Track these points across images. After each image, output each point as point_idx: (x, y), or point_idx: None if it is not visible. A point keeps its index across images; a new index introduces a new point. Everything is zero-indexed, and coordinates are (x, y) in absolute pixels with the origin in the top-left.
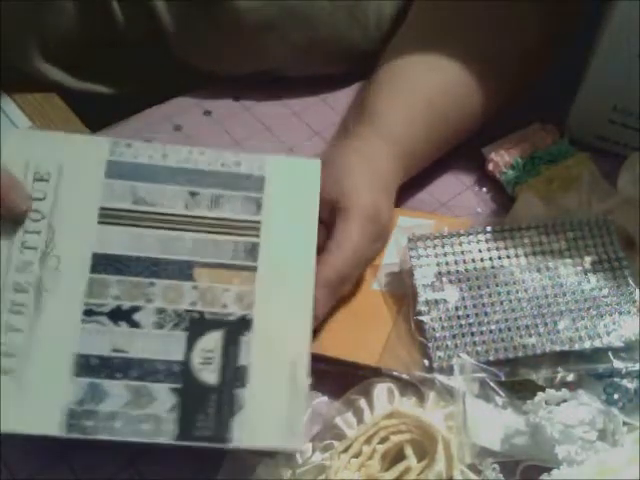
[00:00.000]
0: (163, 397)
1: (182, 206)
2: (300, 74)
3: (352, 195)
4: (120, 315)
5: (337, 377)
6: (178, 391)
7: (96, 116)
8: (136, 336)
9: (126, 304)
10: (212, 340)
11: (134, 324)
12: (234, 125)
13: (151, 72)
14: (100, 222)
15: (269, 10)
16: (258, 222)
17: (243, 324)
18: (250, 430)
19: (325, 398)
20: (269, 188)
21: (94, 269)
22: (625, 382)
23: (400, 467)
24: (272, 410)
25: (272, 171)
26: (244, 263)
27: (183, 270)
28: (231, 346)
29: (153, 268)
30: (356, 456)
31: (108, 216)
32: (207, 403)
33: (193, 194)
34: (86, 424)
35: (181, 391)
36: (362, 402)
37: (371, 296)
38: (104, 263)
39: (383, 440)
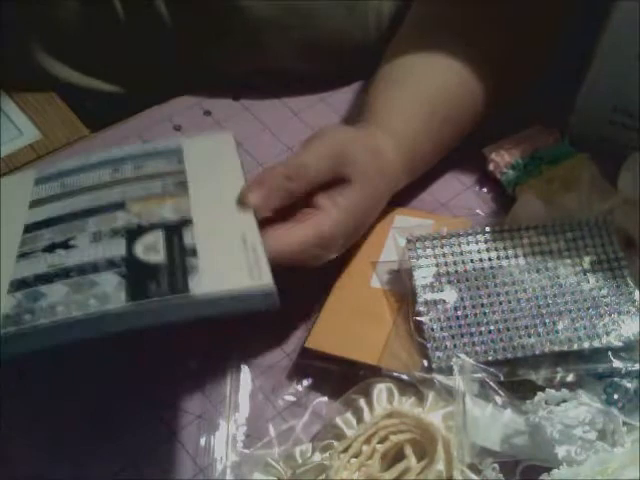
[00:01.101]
0: (107, 280)
1: (108, 176)
2: (300, 72)
3: (355, 167)
4: (55, 246)
5: (337, 377)
6: (123, 273)
7: (96, 116)
8: (73, 253)
9: (60, 238)
10: (153, 237)
11: (70, 247)
12: (234, 125)
13: (151, 72)
14: (29, 207)
15: (269, 9)
16: (183, 170)
17: (183, 223)
18: (210, 280)
19: (325, 398)
20: (188, 154)
21: (27, 231)
22: (625, 382)
23: (400, 467)
24: (230, 263)
25: (188, 145)
26: (175, 192)
27: (117, 206)
28: (174, 236)
29: (86, 213)
30: (356, 456)
31: (37, 203)
32: (157, 274)
33: (116, 170)
34: (24, 318)
35: (126, 272)
36: (362, 402)
37: (371, 293)
38: (36, 227)
39: (383, 440)
